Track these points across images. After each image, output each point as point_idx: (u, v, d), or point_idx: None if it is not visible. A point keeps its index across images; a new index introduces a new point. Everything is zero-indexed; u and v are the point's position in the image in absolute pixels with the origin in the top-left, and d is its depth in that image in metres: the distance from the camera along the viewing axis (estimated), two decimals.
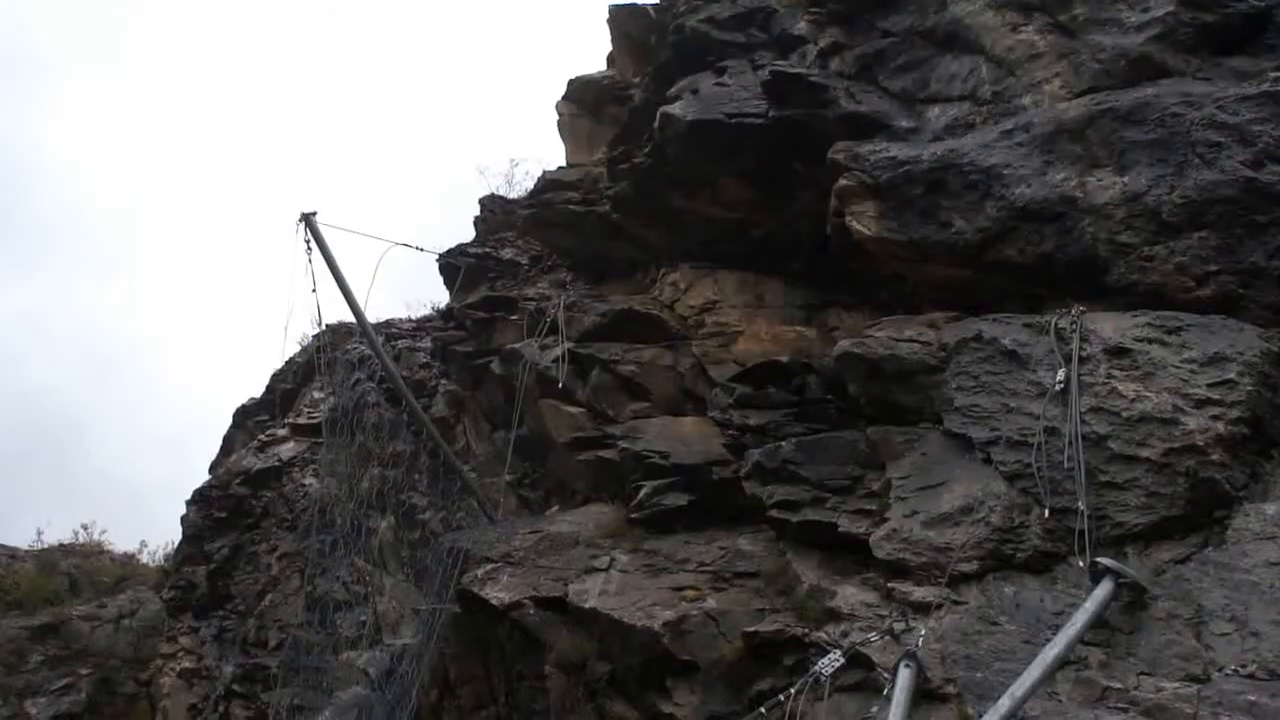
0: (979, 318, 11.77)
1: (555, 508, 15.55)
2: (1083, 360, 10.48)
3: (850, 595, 10.80)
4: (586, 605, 12.09)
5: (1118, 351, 10.34)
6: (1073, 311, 10.94)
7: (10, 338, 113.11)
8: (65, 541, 38.57)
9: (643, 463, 13.58)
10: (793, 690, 10.00)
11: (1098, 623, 9.01)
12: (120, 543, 39.66)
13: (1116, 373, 10.21)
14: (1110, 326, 10.66)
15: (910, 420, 11.76)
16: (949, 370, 11.39)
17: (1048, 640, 8.97)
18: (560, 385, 15.06)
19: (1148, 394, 9.92)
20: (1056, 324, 10.88)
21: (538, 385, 15.47)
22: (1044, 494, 9.97)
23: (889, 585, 10.56)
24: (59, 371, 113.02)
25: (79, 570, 36.68)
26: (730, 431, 13.24)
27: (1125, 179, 11.29)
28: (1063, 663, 8.85)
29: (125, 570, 37.12)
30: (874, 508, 11.38)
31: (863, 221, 12.98)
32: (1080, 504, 9.69)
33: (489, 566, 13.32)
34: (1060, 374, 10.45)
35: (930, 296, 13.06)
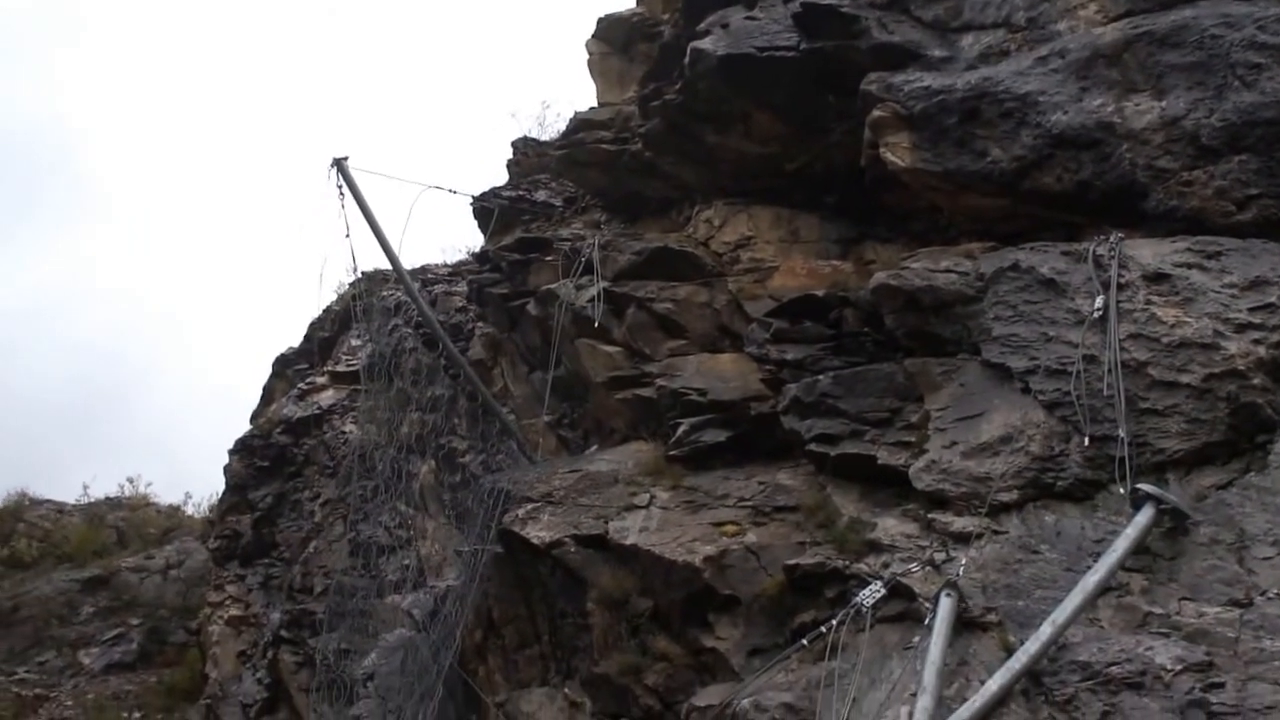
0: (1016, 247, 11.71)
1: (594, 447, 15.58)
2: (1121, 287, 10.42)
3: (890, 527, 10.82)
4: (627, 542, 12.15)
5: (1157, 277, 10.28)
6: (1111, 238, 10.87)
7: (53, 296, 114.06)
8: (111, 495, 39.08)
9: (680, 400, 13.59)
10: (834, 622, 10.06)
11: (1139, 549, 9.01)
12: (165, 495, 40.15)
13: (1155, 299, 10.16)
14: (1149, 252, 10.59)
15: (948, 351, 11.73)
16: (986, 300, 11.34)
17: (1089, 568, 8.98)
18: (596, 325, 15.05)
19: (1187, 319, 9.87)
20: (1094, 251, 10.81)
21: (574, 325, 15.47)
22: (1084, 422, 9.95)
23: (929, 516, 10.58)
24: (101, 328, 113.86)
25: (126, 523, 37.16)
26: (767, 367, 13.23)
27: (1163, 103, 11.18)
28: (1104, 589, 8.86)
29: (171, 522, 37.57)
30: (913, 439, 11.37)
31: (897, 153, 12.90)
32: (1120, 431, 9.67)
33: (530, 506, 13.38)
34: (1099, 301, 10.40)
35: (966, 227, 12.99)
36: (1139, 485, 9.20)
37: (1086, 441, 9.90)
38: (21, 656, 29.96)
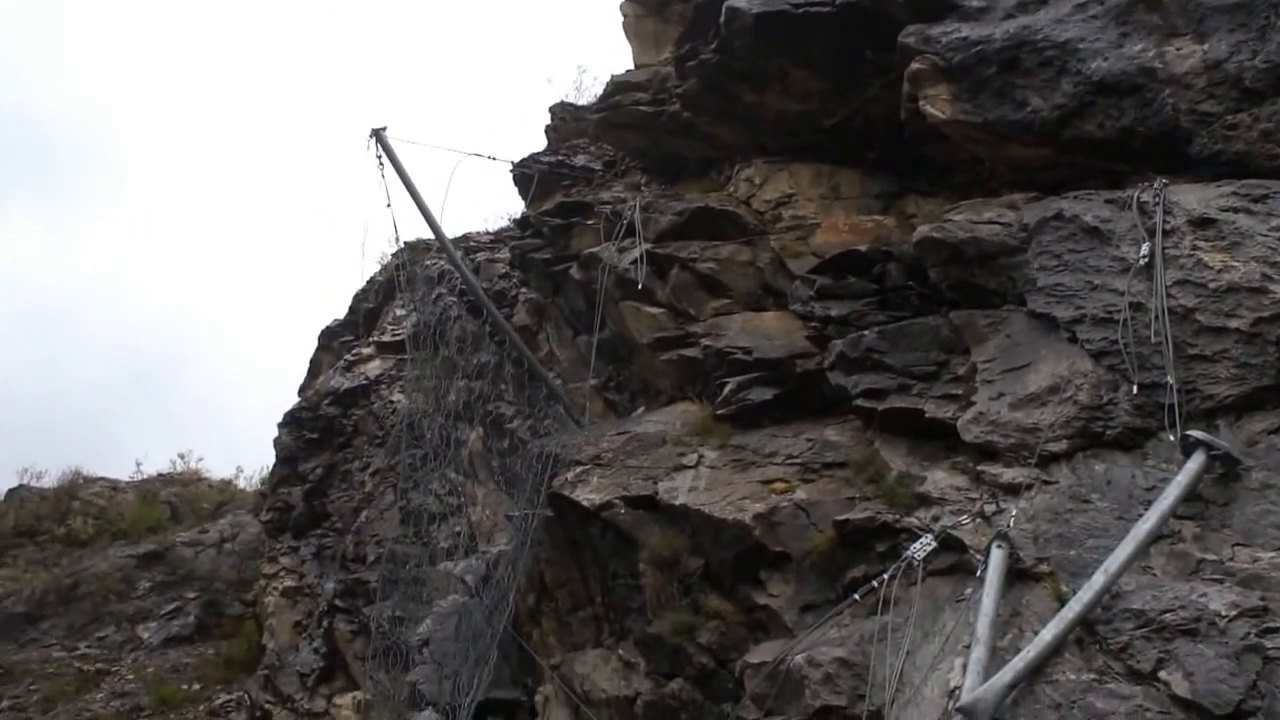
0: (1059, 196, 11.63)
1: (641, 409, 15.63)
2: (1167, 233, 10.35)
3: (939, 480, 10.82)
4: (677, 502, 12.20)
5: (1202, 222, 10.20)
6: (1155, 184, 10.78)
7: (100, 280, 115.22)
8: (164, 471, 39.65)
9: (726, 359, 13.60)
10: (885, 576, 10.09)
11: (1190, 496, 8.97)
12: (217, 470, 40.73)
13: (1202, 244, 10.08)
14: (1194, 198, 10.51)
15: (993, 303, 11.68)
16: (1031, 250, 11.28)
17: (1140, 516, 8.95)
18: (640, 287, 15.07)
19: (1235, 264, 9.80)
20: (1139, 198, 10.73)
21: (617, 288, 15.49)
22: (1132, 370, 9.90)
23: (978, 468, 10.57)
24: (148, 309, 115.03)
25: (179, 498, 37.70)
26: (812, 323, 13.23)
27: (1205, 47, 11.07)
28: (1156, 537, 8.84)
29: (223, 496, 38.09)
30: (960, 392, 11.35)
31: (936, 105, 12.84)
32: (1169, 378, 9.62)
33: (578, 469, 13.45)
34: (1144, 248, 10.33)
35: (1008, 178, 12.92)
36: (1189, 432, 9.16)
37: (1135, 389, 9.85)
38: (82, 632, 30.47)
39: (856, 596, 10.31)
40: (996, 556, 9.24)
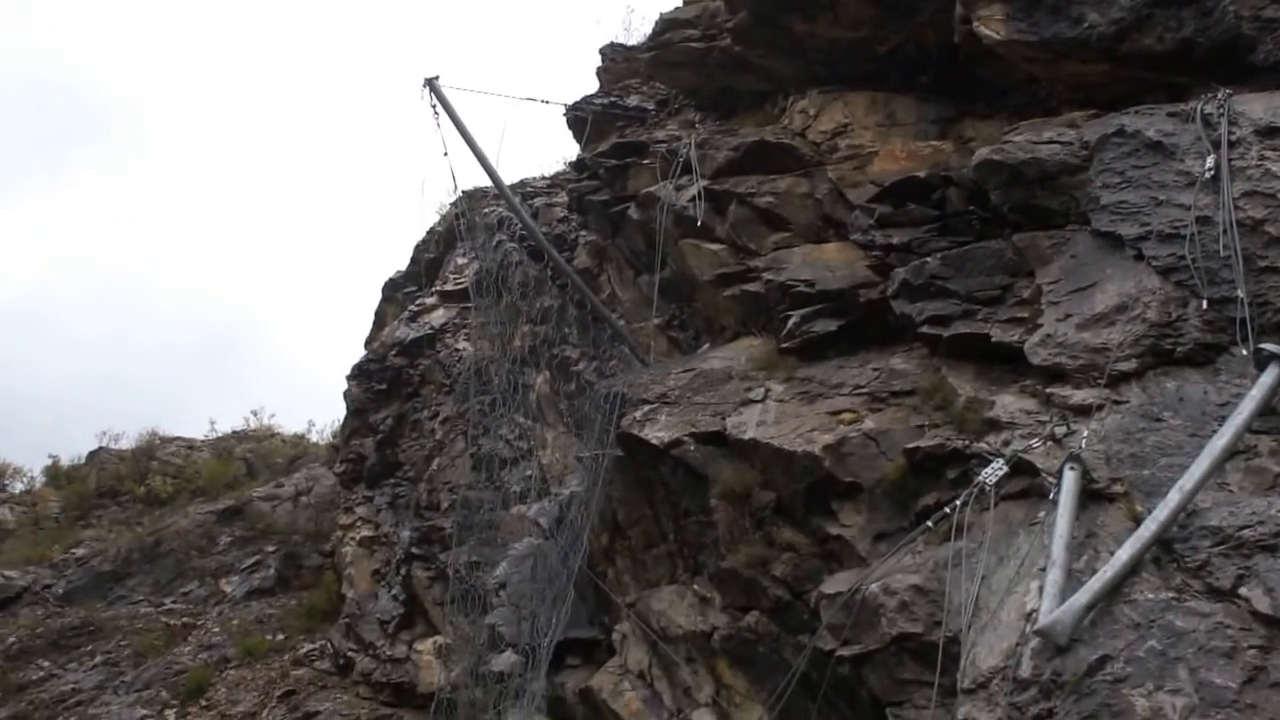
0: (1120, 112, 11.47)
1: (706, 345, 15.64)
2: (1232, 144, 10.20)
3: (1009, 404, 10.77)
4: (746, 437, 12.24)
5: (1269, 131, 10.04)
6: (1219, 95, 10.62)
7: (165, 246, 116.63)
8: (238, 429, 40.15)
9: (789, 293, 13.58)
10: (958, 502, 10.09)
11: (1265, 410, 8.89)
12: (289, 425, 41.19)
13: (1269, 154, 9.93)
14: (1259, 107, 10.33)
15: (1056, 224, 11.56)
16: (1093, 169, 11.15)
17: (1214, 432, 8.88)
18: (699, 224, 15.05)
19: None
20: (1202, 110, 10.57)
21: (676, 226, 15.48)
22: (1201, 285, 9.80)
23: (1047, 391, 10.49)
24: (215, 274, 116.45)
25: (254, 454, 38.16)
26: (874, 253, 13.16)
27: None
28: (1231, 453, 8.77)
29: (297, 450, 38.51)
30: (1026, 315, 11.28)
31: (990, 25, 12.67)
32: (1239, 292, 9.52)
33: (646, 408, 13.52)
34: (1209, 161, 10.19)
35: (1067, 97, 12.76)
36: (1262, 345, 9.05)
37: (1205, 305, 9.75)
38: (167, 588, 31.01)
39: (929, 524, 10.33)
40: (1069, 478, 9.21)
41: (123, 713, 25.29)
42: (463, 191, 22.34)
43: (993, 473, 10.03)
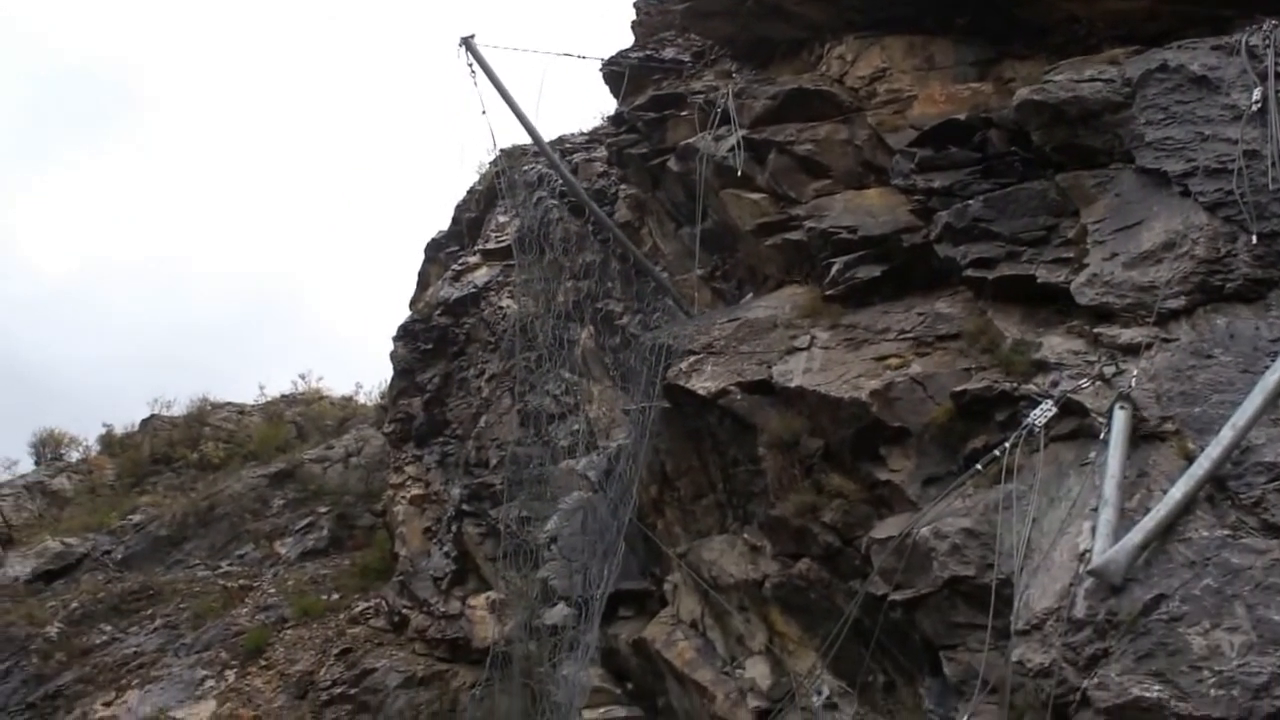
0: (1162, 47, 11.36)
1: (749, 295, 15.62)
2: (1278, 76, 10.07)
3: (1056, 345, 10.72)
4: (792, 384, 12.26)
5: None
6: (1264, 27, 10.49)
7: (208, 213, 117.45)
8: (287, 393, 40.46)
9: (831, 240, 13.54)
10: (1007, 444, 10.09)
11: None
12: (337, 387, 41.44)
13: None
14: None
15: (1100, 162, 11.47)
16: (1136, 105, 11.06)
17: (1266, 368, 8.83)
18: (739, 173, 15.00)
19: None
20: (1247, 42, 10.47)
21: (716, 177, 15.44)
22: (1249, 219, 9.72)
23: (1095, 331, 10.45)
24: (257, 241, 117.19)
25: (303, 417, 38.44)
26: (915, 197, 13.10)
27: None
28: None
29: (345, 412, 38.77)
30: (1071, 255, 11.20)
31: None
32: None
33: (692, 359, 13.55)
34: (1256, 93, 10.10)
35: (1108, 34, 12.62)
36: None
37: (1254, 239, 9.68)
38: (223, 551, 31.38)
39: (979, 466, 10.33)
40: (1119, 418, 9.19)
41: (184, 674, 25.67)
42: (502, 150, 22.39)
43: (1042, 414, 10.01)
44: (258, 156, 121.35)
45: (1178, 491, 8.38)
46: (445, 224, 30.48)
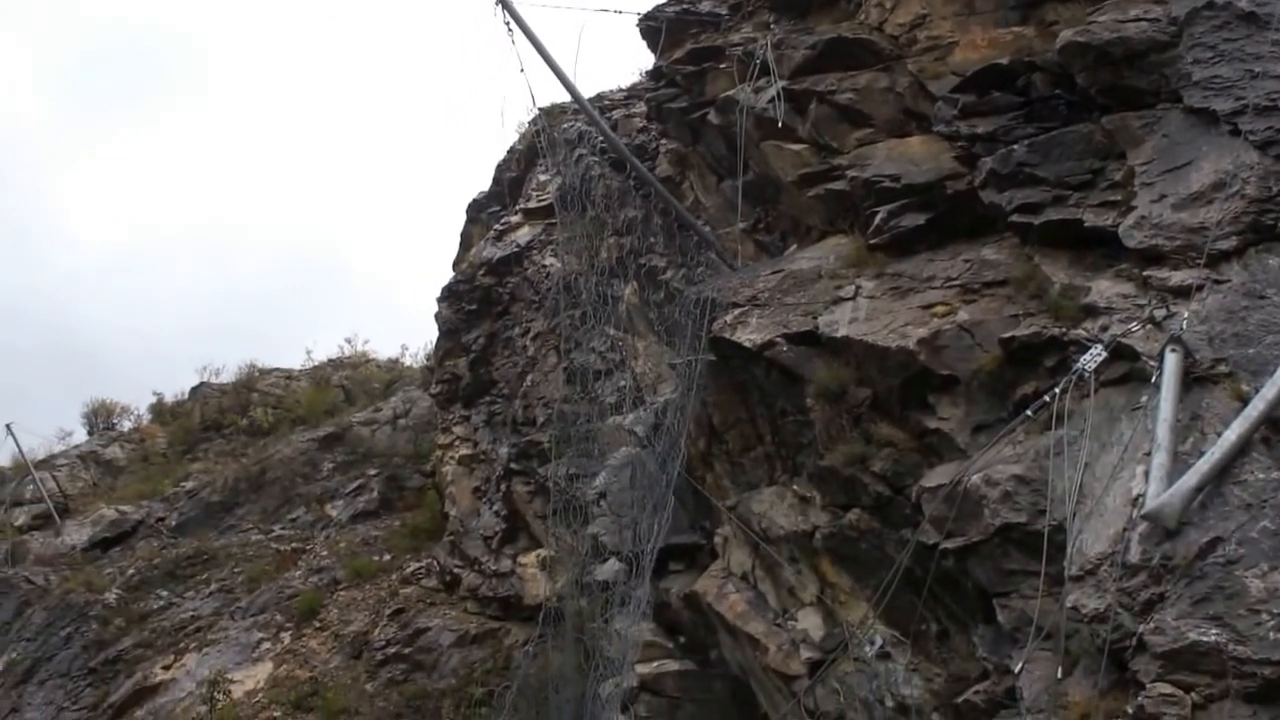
0: None
1: (793, 247, 15.55)
2: None
3: (1105, 289, 10.64)
4: (839, 335, 12.22)
5: None
6: None
7: (255, 183, 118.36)
8: (333, 357, 40.78)
9: (874, 189, 13.45)
10: (1057, 390, 10.03)
11: None
12: (383, 350, 41.73)
13: None
14: None
15: (1146, 103, 11.34)
16: (1182, 44, 10.92)
17: None
18: (779, 125, 14.90)
19: None
20: None
21: (757, 129, 15.35)
22: None
23: (1144, 274, 10.36)
24: (302, 210, 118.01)
25: (350, 381, 38.81)
26: (959, 143, 12.99)
27: None
28: None
29: (392, 374, 39.09)
30: (1118, 198, 11.10)
31: None
32: None
33: (737, 311, 13.52)
34: None
35: None
36: None
37: None
38: (275, 515, 31.74)
39: (1029, 413, 10.28)
40: (1171, 361, 9.12)
41: (241, 637, 26.03)
42: (541, 108, 22.31)
43: (1092, 359, 9.95)
44: (300, 123, 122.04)
45: (1232, 434, 8.32)
46: (486, 184, 30.54)
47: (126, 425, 40.60)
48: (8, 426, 37.12)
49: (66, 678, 26.83)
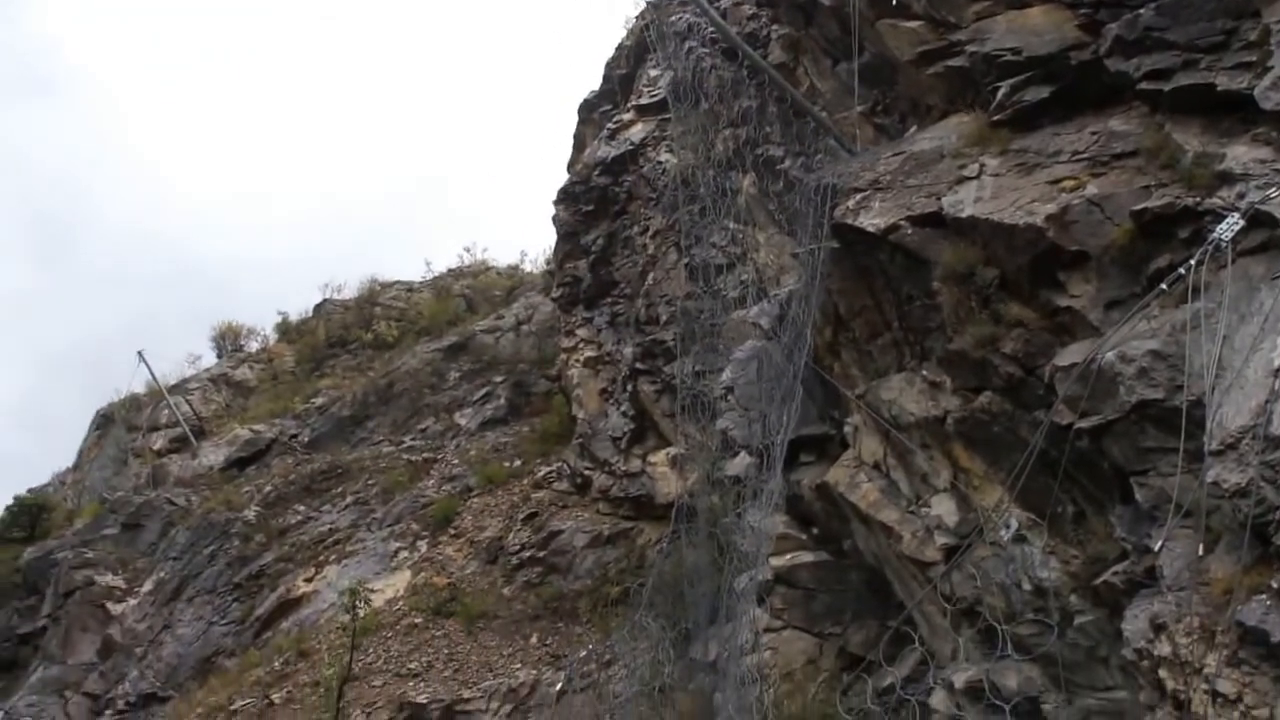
0: None
1: (913, 128, 15.24)
2: None
3: (1241, 155, 10.27)
4: (964, 215, 11.97)
5: None
6: None
7: (363, 109, 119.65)
8: (453, 267, 41.16)
9: (995, 63, 13.09)
10: (1193, 262, 9.78)
11: None
12: (502, 257, 41.99)
13: None
14: None
15: None
16: None
17: None
18: (894, 2, 14.55)
19: None
20: None
21: (871, 7, 15.00)
22: None
23: None
24: (419, 122, 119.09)
25: (471, 289, 39.16)
26: (1082, 11, 12.56)
27: None
28: None
29: (512, 281, 39.35)
30: (1254, 59, 10.67)
31: None
32: None
33: (858, 196, 13.31)
34: None
35: None
36: None
37: None
38: (405, 427, 32.35)
39: (1164, 286, 10.05)
40: None
41: (378, 547, 26.73)
42: (649, 2, 22.08)
43: (1228, 228, 9.66)
44: (410, 33, 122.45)
45: None
46: (596, 84, 30.38)
47: (254, 346, 41.63)
48: (139, 353, 38.35)
49: (213, 594, 27.87)
